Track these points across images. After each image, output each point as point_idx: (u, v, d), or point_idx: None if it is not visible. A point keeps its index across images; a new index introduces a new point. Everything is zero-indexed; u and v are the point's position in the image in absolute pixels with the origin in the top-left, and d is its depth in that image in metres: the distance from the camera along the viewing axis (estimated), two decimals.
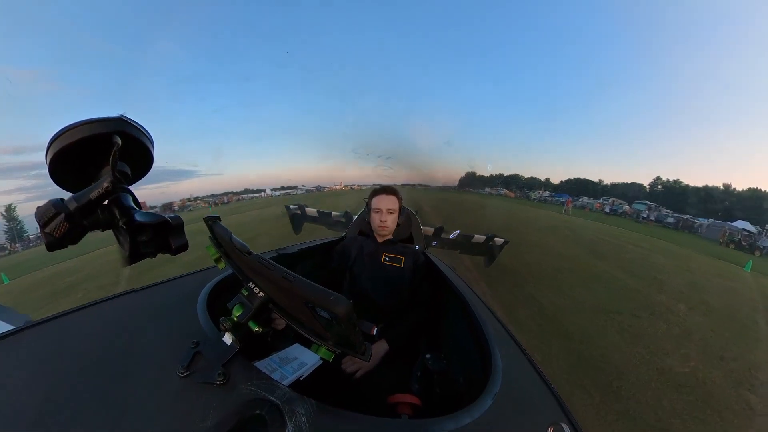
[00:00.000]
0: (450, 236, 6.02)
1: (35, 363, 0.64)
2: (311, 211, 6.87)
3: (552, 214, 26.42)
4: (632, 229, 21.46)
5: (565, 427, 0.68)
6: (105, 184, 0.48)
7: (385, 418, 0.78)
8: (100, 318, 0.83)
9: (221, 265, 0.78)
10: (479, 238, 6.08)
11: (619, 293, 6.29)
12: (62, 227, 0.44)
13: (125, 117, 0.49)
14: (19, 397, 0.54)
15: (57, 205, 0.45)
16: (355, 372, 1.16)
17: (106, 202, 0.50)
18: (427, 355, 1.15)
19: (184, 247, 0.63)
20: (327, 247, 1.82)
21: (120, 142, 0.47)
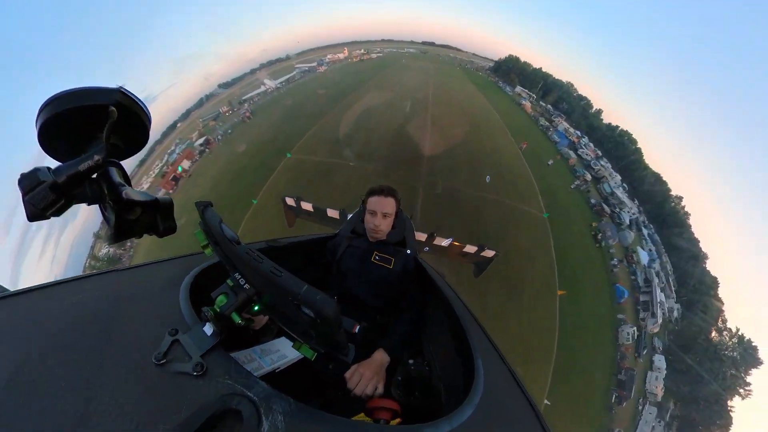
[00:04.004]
0: (442, 243, 6.13)
1: (5, 336, 0.61)
2: (306, 205, 6.88)
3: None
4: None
5: None
6: (96, 157, 0.46)
7: (362, 422, 0.76)
8: (78, 295, 0.80)
9: (208, 252, 0.76)
10: (470, 248, 6.20)
11: None
12: (46, 198, 0.42)
13: (124, 90, 0.47)
14: None
15: (43, 173, 0.42)
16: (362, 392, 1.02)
17: (95, 176, 0.48)
18: (410, 361, 1.14)
19: (171, 229, 0.61)
20: (319, 243, 1.80)
21: (116, 114, 0.46)
